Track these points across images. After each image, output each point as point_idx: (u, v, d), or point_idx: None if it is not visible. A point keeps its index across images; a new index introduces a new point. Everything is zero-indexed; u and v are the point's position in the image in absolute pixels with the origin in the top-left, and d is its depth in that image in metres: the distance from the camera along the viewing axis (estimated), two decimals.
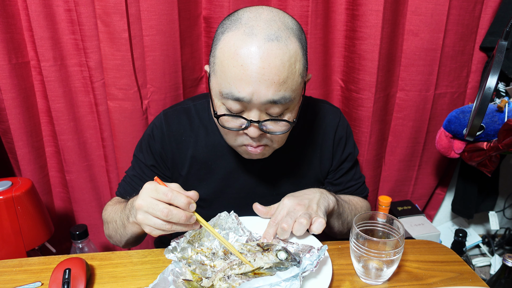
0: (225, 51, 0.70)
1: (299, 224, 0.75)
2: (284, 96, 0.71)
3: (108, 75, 1.19)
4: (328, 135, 0.96)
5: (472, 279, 0.73)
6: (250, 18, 0.71)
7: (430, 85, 1.33)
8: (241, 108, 0.73)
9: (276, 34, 0.69)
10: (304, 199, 0.81)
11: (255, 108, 0.72)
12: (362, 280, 0.72)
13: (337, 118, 0.97)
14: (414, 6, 1.24)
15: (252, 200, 0.87)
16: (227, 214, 0.79)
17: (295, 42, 0.72)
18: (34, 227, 1.10)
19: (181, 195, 0.69)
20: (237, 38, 0.70)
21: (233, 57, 0.69)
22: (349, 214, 0.93)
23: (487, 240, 1.65)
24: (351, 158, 1.00)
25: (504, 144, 1.07)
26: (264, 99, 0.70)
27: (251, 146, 0.79)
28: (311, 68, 1.29)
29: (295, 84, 0.73)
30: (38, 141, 1.30)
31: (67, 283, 0.67)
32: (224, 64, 0.71)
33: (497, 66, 0.85)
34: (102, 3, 1.11)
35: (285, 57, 0.69)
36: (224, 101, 0.73)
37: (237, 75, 0.69)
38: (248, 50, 0.68)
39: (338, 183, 1.01)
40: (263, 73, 0.68)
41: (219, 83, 0.73)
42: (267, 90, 0.69)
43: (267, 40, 0.68)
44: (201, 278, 0.68)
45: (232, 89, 0.70)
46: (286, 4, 1.24)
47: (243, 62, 0.68)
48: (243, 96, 0.70)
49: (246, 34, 0.69)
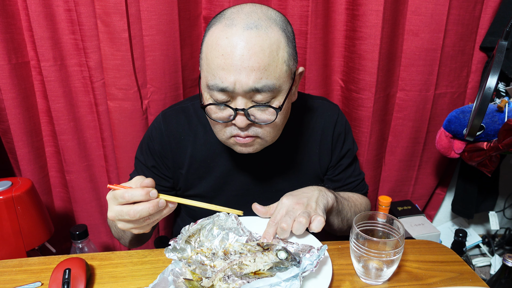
0: (208, 44, 0.73)
1: (299, 223, 0.75)
2: (266, 84, 0.72)
3: (108, 75, 1.19)
4: (327, 131, 0.96)
5: (472, 279, 0.73)
6: (232, 12, 0.74)
7: (430, 85, 1.33)
8: (227, 98, 0.74)
9: (255, 23, 0.71)
10: (302, 197, 0.81)
11: (240, 97, 0.73)
12: (362, 280, 0.72)
13: (336, 114, 0.98)
14: (414, 6, 1.24)
15: (252, 197, 0.87)
16: (227, 215, 0.79)
17: (277, 31, 0.73)
18: (34, 227, 1.10)
19: (136, 190, 0.69)
20: (218, 30, 0.72)
21: (215, 48, 0.71)
22: (348, 211, 0.94)
23: (487, 240, 1.65)
24: (350, 154, 1.01)
25: (504, 144, 1.07)
26: (247, 87, 0.71)
27: (239, 136, 0.79)
28: (311, 68, 1.29)
29: (279, 72, 0.73)
30: (38, 141, 1.30)
31: (67, 283, 0.67)
32: (208, 57, 0.73)
33: (497, 66, 0.85)
34: (102, 3, 1.11)
35: (265, 43, 0.70)
36: (211, 93, 0.75)
37: (219, 65, 0.71)
38: (227, 39, 0.70)
39: (338, 179, 1.01)
40: (242, 60, 0.70)
41: (205, 76, 0.75)
42: (248, 78, 0.70)
43: (246, 28, 0.70)
44: (201, 278, 0.68)
45: (216, 80, 0.72)
46: (286, 4, 1.24)
47: (224, 51, 0.70)
48: (226, 86, 0.71)
49: (227, 25, 0.72)
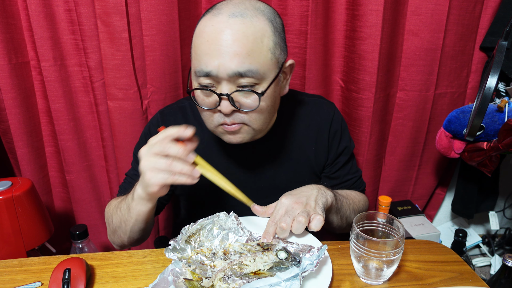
0: (196, 33, 0.77)
1: (298, 222, 0.75)
2: (250, 69, 0.74)
3: (108, 75, 1.19)
4: (323, 129, 0.97)
5: (472, 279, 0.73)
6: (222, 3, 0.78)
7: (430, 85, 1.33)
8: (212, 83, 0.76)
9: (241, 12, 0.74)
10: (301, 196, 0.81)
11: (224, 81, 0.75)
12: (362, 280, 0.72)
13: (332, 112, 0.99)
14: (414, 6, 1.24)
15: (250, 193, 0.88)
16: (227, 215, 0.79)
17: (263, 20, 0.76)
18: (34, 227, 1.10)
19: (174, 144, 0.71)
20: (206, 20, 0.76)
21: (201, 35, 0.75)
22: (347, 208, 0.94)
23: (487, 240, 1.65)
24: (347, 151, 1.01)
25: (504, 144, 1.07)
26: (230, 71, 0.73)
27: (226, 124, 0.80)
28: (311, 68, 1.29)
29: (263, 59, 0.75)
30: (38, 141, 1.30)
31: (67, 283, 0.67)
32: (195, 44, 0.77)
33: (497, 66, 0.85)
34: (102, 3, 1.11)
35: (248, 30, 0.73)
36: (198, 80, 0.78)
37: (204, 50, 0.74)
38: (213, 26, 0.74)
39: (335, 176, 1.02)
40: (226, 45, 0.72)
41: (193, 64, 0.78)
42: (231, 62, 0.73)
43: (231, 16, 0.74)
44: (201, 278, 0.68)
45: (201, 65, 0.75)
46: (286, 4, 1.24)
47: (209, 37, 0.74)
48: (210, 70, 0.74)
49: (214, 14, 0.76)
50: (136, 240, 0.90)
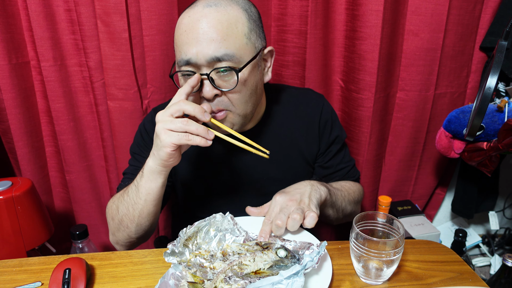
0: (176, 27, 0.82)
1: (293, 220, 0.76)
2: (226, 53, 0.77)
3: (108, 75, 1.19)
4: (313, 119, 0.99)
5: (472, 279, 0.73)
6: None
7: (430, 85, 1.33)
8: (193, 69, 0.80)
9: (215, 2, 0.79)
10: (295, 194, 0.82)
11: (204, 68, 0.78)
12: (362, 280, 0.73)
13: (321, 103, 1.02)
14: (414, 6, 1.24)
15: (246, 186, 0.89)
16: (223, 216, 0.79)
17: (237, 9, 0.80)
18: (34, 227, 1.10)
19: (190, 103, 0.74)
20: (183, 13, 0.81)
21: (179, 27, 0.80)
22: (342, 201, 0.95)
23: (487, 240, 1.65)
24: (339, 140, 1.03)
25: (504, 144, 1.07)
26: (208, 56, 0.77)
27: (213, 113, 0.82)
28: (311, 68, 1.29)
29: (239, 43, 0.79)
30: (38, 141, 1.30)
31: (67, 283, 0.67)
32: (175, 37, 0.81)
33: (497, 66, 0.85)
34: (102, 3, 1.11)
35: (223, 17, 0.77)
36: (180, 70, 0.81)
37: (183, 40, 0.79)
38: (189, 17, 0.79)
39: (329, 166, 1.03)
40: (202, 33, 0.77)
41: (176, 56, 0.82)
42: (208, 48, 0.76)
43: (206, 6, 0.78)
44: (203, 280, 0.68)
45: (182, 55, 0.79)
46: (286, 4, 1.24)
47: (186, 28, 0.78)
48: (190, 57, 0.78)
49: (190, 7, 0.81)
50: (144, 230, 0.87)
